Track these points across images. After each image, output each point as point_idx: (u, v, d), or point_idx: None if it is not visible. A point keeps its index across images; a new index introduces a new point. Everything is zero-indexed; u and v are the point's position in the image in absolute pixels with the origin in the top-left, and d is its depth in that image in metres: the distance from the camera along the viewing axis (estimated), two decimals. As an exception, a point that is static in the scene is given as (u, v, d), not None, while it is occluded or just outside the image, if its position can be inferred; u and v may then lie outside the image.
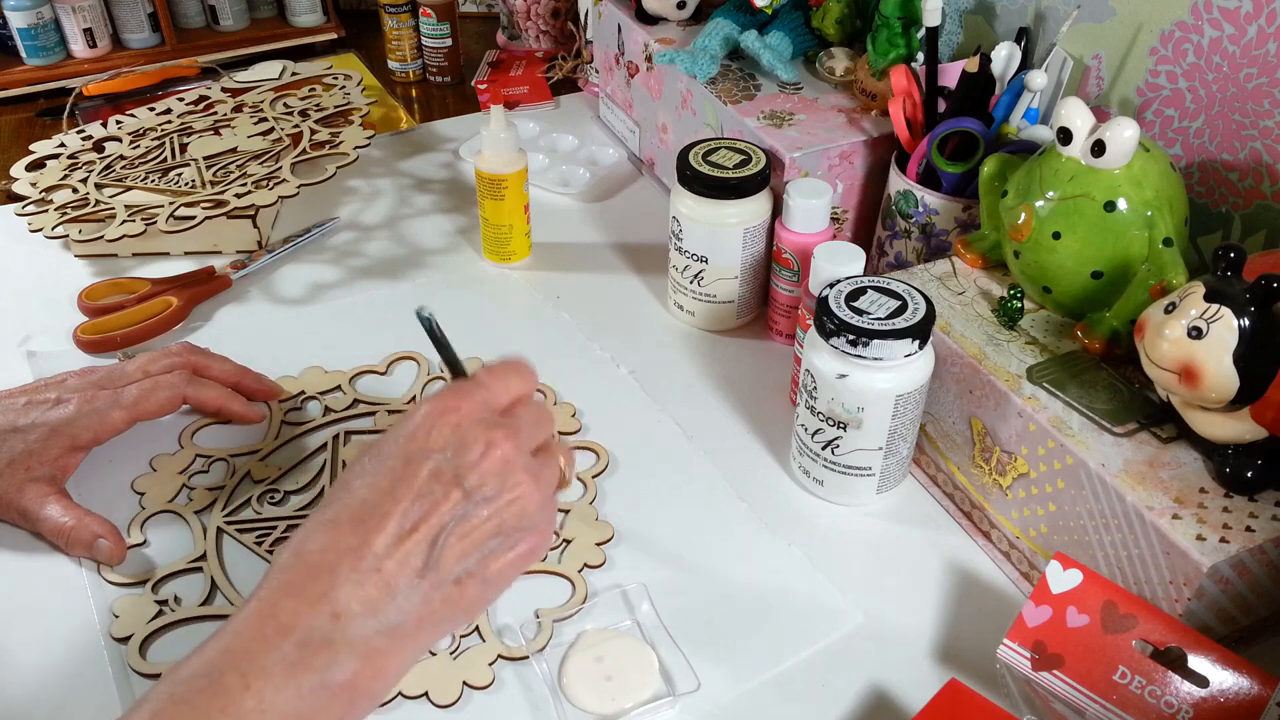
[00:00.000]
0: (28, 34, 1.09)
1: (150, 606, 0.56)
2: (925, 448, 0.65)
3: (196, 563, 0.59)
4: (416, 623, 0.43)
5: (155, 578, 0.58)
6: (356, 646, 0.41)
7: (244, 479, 0.64)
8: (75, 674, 0.54)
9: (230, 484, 0.64)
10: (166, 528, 0.61)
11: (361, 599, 0.42)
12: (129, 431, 0.64)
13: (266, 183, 0.85)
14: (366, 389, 0.72)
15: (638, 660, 0.54)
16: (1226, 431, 0.52)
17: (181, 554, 0.60)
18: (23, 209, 0.84)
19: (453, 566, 0.44)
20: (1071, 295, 0.61)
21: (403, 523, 0.43)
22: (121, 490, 0.63)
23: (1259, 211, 0.66)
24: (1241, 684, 0.49)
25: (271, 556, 0.59)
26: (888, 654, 0.56)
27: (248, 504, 0.63)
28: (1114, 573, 0.54)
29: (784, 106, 0.80)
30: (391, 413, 0.70)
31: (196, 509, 0.62)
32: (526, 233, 0.85)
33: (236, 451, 0.66)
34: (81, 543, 0.58)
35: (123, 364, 0.66)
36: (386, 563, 0.42)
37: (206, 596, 0.57)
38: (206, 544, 0.60)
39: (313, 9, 1.23)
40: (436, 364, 0.73)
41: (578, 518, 0.62)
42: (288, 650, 0.40)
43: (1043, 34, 0.76)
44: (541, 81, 1.13)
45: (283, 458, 0.66)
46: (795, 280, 0.73)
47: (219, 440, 0.67)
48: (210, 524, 0.61)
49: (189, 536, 0.61)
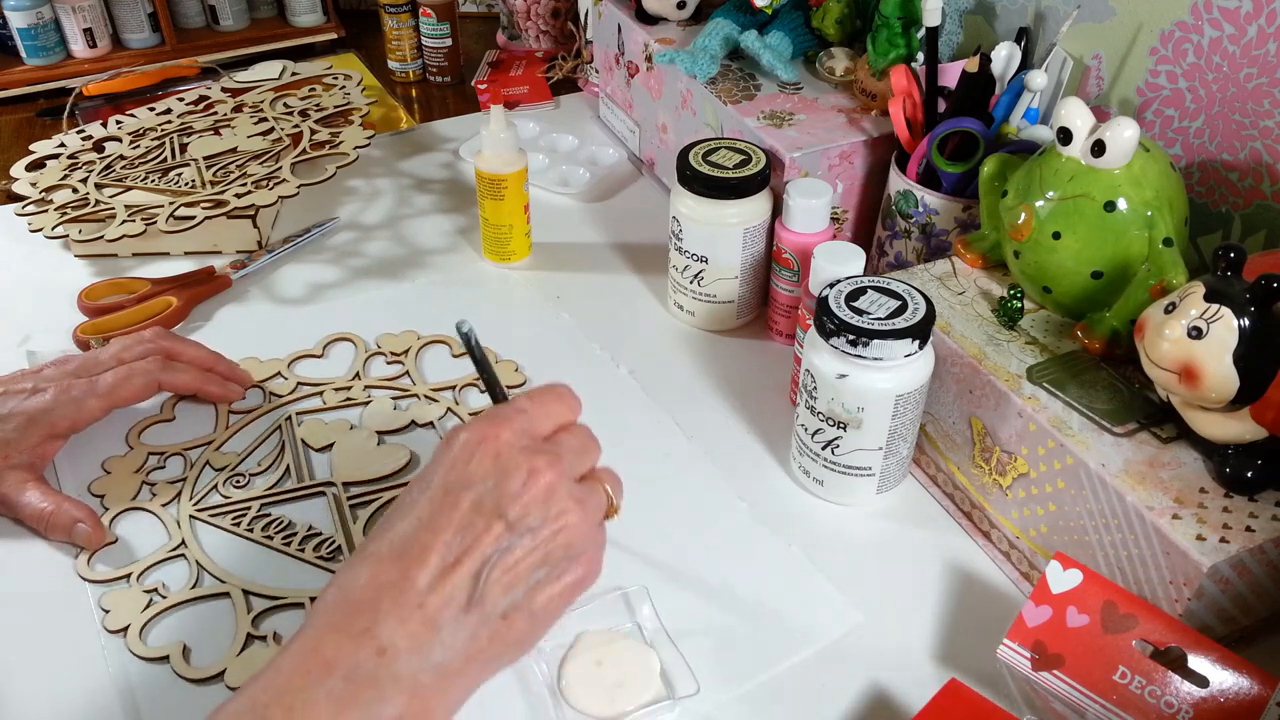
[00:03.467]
0: (28, 34, 1.09)
1: (140, 596, 0.57)
2: (925, 448, 0.65)
3: (176, 551, 0.60)
4: (464, 660, 0.42)
5: (138, 570, 0.58)
6: (403, 684, 0.40)
7: (203, 469, 0.65)
8: (71, 666, 0.54)
9: (191, 475, 0.64)
10: (135, 524, 0.62)
11: (406, 635, 0.41)
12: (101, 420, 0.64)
13: (266, 183, 0.85)
14: (306, 373, 0.73)
15: (638, 663, 0.54)
16: (1226, 431, 0.52)
17: (157, 545, 0.60)
18: (23, 209, 0.84)
19: (498, 600, 0.43)
20: (1071, 295, 0.61)
21: (445, 556, 0.42)
22: (80, 494, 0.63)
23: (1259, 211, 0.66)
24: (1241, 684, 0.49)
25: (253, 537, 0.61)
26: (888, 654, 0.56)
27: (213, 490, 0.64)
28: (1114, 573, 0.54)
29: (784, 106, 0.80)
30: (337, 390, 0.71)
31: (163, 502, 0.63)
32: (526, 233, 0.85)
33: (190, 445, 0.67)
34: (61, 527, 0.59)
35: (96, 351, 0.67)
36: (430, 598, 0.41)
37: (196, 580, 0.58)
38: (182, 532, 0.61)
39: (313, 9, 1.23)
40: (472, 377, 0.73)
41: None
42: (334, 685, 0.39)
43: (1043, 34, 0.76)
44: (541, 81, 1.13)
45: (237, 444, 0.67)
46: (795, 280, 0.73)
47: (168, 437, 0.68)
48: (181, 514, 0.62)
49: (159, 528, 0.61)
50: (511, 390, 0.72)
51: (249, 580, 0.58)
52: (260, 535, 0.61)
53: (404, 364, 0.74)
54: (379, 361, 0.75)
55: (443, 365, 0.75)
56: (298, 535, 0.61)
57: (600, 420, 0.70)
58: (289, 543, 0.61)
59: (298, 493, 0.64)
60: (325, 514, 0.63)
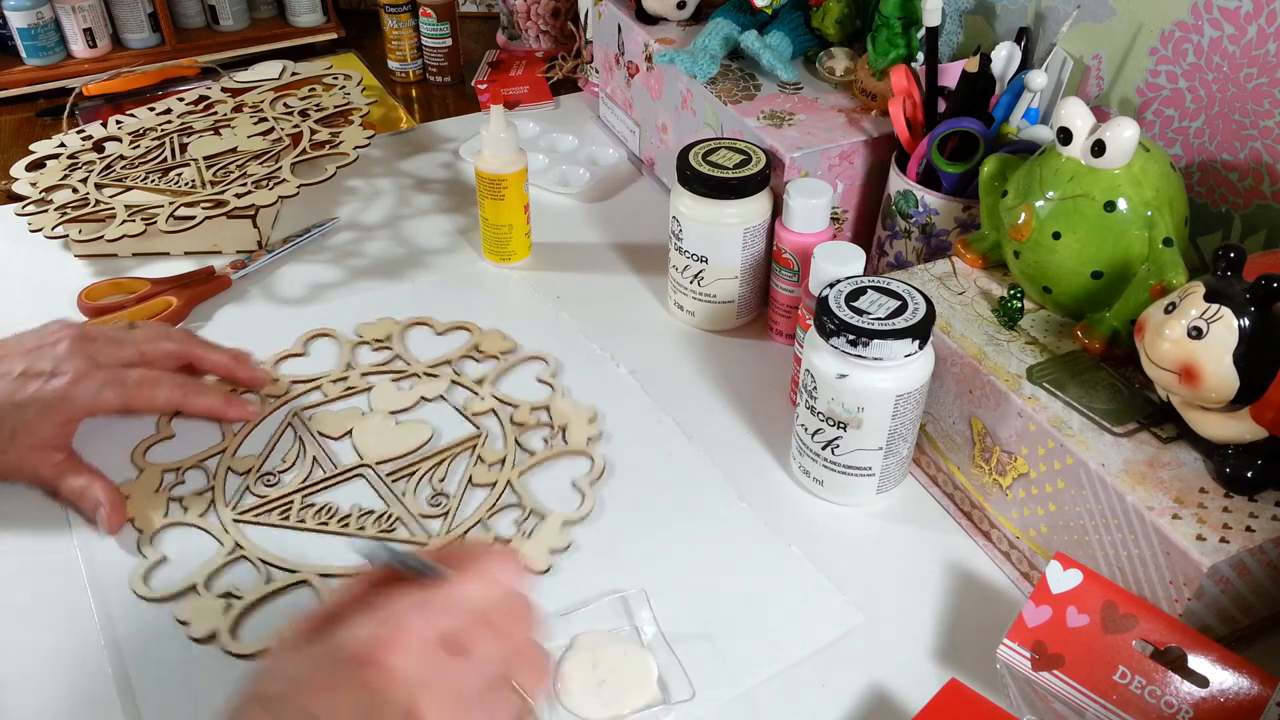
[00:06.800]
0: (28, 34, 1.09)
1: (215, 602, 0.57)
2: (925, 448, 0.65)
3: (233, 555, 0.60)
4: None
5: (202, 579, 0.58)
6: None
7: (227, 476, 0.65)
8: (74, 672, 0.54)
9: (218, 484, 0.64)
10: (179, 540, 0.61)
11: None
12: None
13: (266, 183, 0.85)
14: (294, 371, 0.74)
15: (634, 666, 0.54)
16: (1226, 431, 0.52)
17: (210, 553, 0.60)
18: (23, 209, 0.84)
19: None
20: (1071, 295, 0.61)
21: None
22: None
23: (1259, 211, 0.66)
24: (1241, 684, 0.49)
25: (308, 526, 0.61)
26: (888, 654, 0.56)
27: (246, 493, 0.64)
28: (1114, 573, 0.54)
29: (784, 106, 0.80)
30: (335, 382, 0.72)
31: (199, 513, 0.62)
32: (526, 233, 0.85)
33: (204, 456, 0.66)
34: (88, 507, 0.61)
35: (119, 333, 0.66)
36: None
37: (268, 577, 0.59)
38: (232, 536, 0.61)
39: (313, 9, 1.23)
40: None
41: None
42: None
43: (1043, 34, 0.76)
44: (541, 81, 1.13)
45: (252, 447, 0.67)
46: (795, 280, 0.73)
47: (177, 452, 0.66)
48: (224, 520, 0.62)
49: (204, 539, 0.61)
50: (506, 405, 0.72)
51: (322, 565, 0.59)
52: (315, 523, 0.62)
53: (391, 348, 0.75)
54: (365, 350, 0.75)
55: (430, 343, 0.76)
56: (352, 516, 0.62)
57: (600, 420, 0.71)
58: (345, 524, 0.62)
59: (334, 480, 0.65)
60: (367, 494, 0.64)
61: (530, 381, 0.73)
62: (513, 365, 0.75)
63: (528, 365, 0.75)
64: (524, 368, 0.75)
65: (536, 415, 0.70)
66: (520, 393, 0.72)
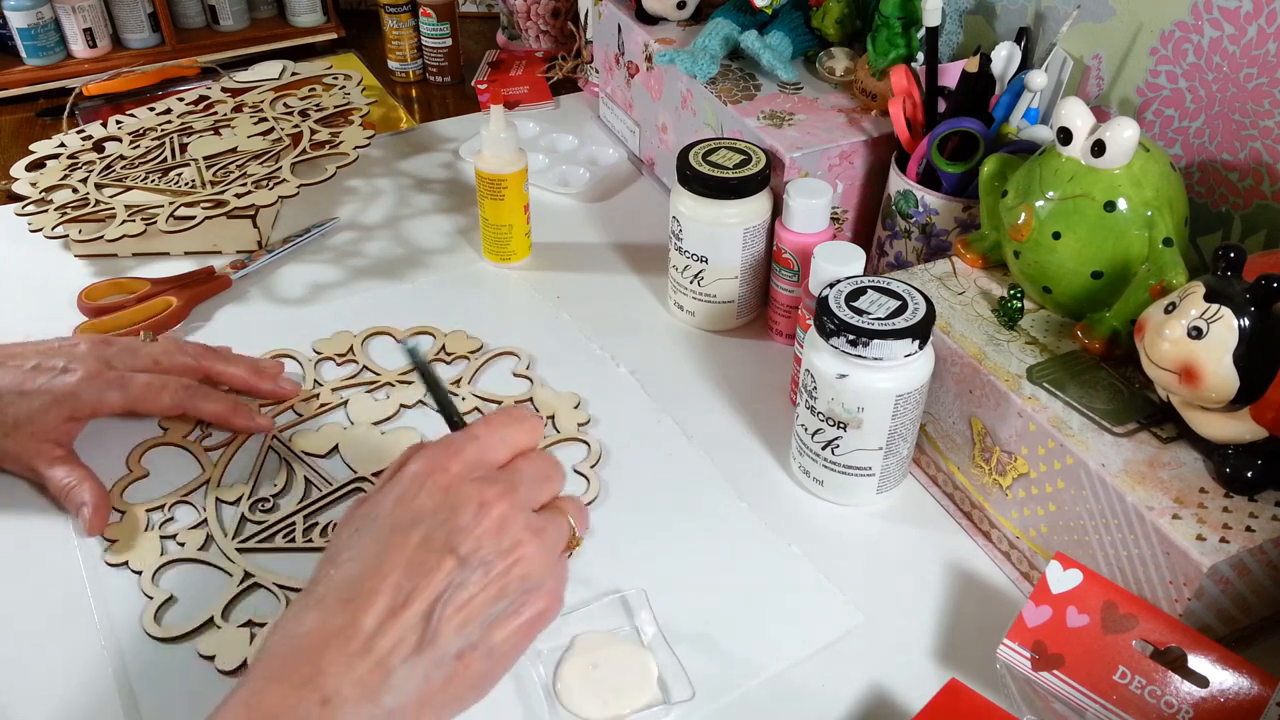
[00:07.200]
0: (28, 34, 1.09)
1: (239, 633, 0.55)
2: (925, 448, 0.65)
3: (244, 584, 0.58)
4: (418, 705, 0.40)
5: (217, 612, 0.56)
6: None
7: (217, 506, 0.63)
8: (73, 667, 0.54)
9: (210, 516, 0.62)
10: (180, 576, 0.59)
11: (353, 682, 0.39)
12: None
13: (266, 183, 0.85)
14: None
15: (634, 666, 0.54)
16: (1226, 431, 0.52)
17: (218, 586, 0.58)
18: (23, 209, 0.84)
19: (452, 640, 0.41)
20: (1071, 295, 0.61)
21: (394, 598, 0.40)
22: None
23: (1259, 211, 0.66)
24: (1241, 684, 0.49)
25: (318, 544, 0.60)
26: (888, 654, 0.56)
27: (243, 521, 0.62)
28: (1114, 573, 0.54)
29: (784, 106, 0.80)
30: (305, 400, 0.71)
31: (197, 548, 0.60)
32: (526, 233, 0.85)
33: (187, 490, 0.64)
34: (73, 505, 0.61)
35: (137, 344, 0.67)
36: (378, 642, 0.39)
37: (286, 600, 0.57)
38: (239, 566, 0.59)
39: (313, 9, 1.23)
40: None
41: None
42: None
43: (1043, 34, 0.76)
44: (541, 81, 1.13)
45: (235, 475, 0.65)
46: (795, 280, 0.73)
47: (156, 490, 0.64)
48: (227, 551, 0.60)
49: (210, 572, 0.59)
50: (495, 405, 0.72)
51: None
52: (322, 542, 0.60)
53: (356, 360, 0.74)
54: (329, 366, 0.74)
55: (392, 352, 0.75)
56: None
57: (600, 420, 0.71)
58: None
59: (333, 496, 0.64)
60: None
61: (506, 377, 0.73)
62: (484, 363, 0.74)
63: (499, 361, 0.75)
64: (496, 364, 0.75)
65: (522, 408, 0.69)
66: (500, 389, 0.72)
